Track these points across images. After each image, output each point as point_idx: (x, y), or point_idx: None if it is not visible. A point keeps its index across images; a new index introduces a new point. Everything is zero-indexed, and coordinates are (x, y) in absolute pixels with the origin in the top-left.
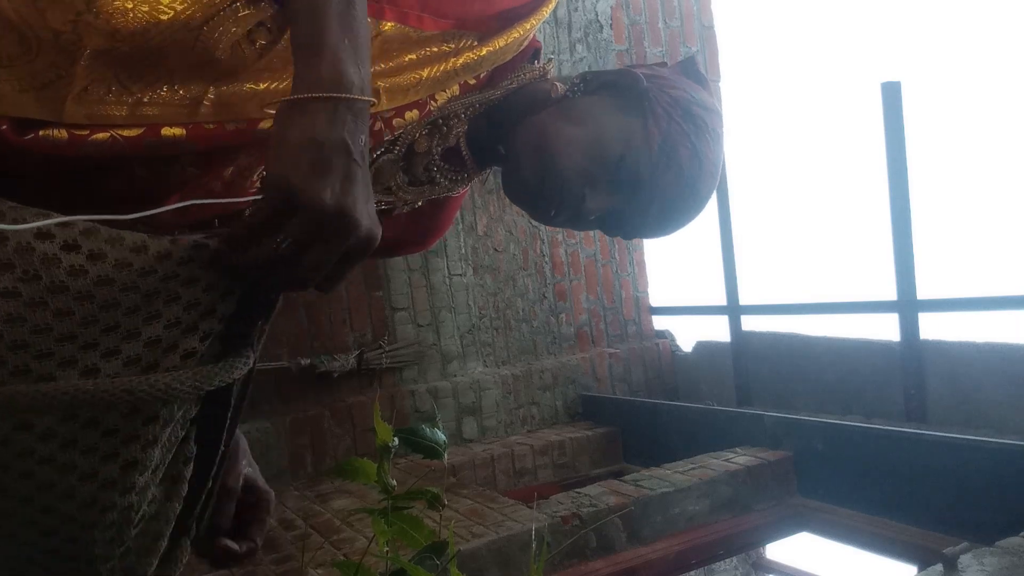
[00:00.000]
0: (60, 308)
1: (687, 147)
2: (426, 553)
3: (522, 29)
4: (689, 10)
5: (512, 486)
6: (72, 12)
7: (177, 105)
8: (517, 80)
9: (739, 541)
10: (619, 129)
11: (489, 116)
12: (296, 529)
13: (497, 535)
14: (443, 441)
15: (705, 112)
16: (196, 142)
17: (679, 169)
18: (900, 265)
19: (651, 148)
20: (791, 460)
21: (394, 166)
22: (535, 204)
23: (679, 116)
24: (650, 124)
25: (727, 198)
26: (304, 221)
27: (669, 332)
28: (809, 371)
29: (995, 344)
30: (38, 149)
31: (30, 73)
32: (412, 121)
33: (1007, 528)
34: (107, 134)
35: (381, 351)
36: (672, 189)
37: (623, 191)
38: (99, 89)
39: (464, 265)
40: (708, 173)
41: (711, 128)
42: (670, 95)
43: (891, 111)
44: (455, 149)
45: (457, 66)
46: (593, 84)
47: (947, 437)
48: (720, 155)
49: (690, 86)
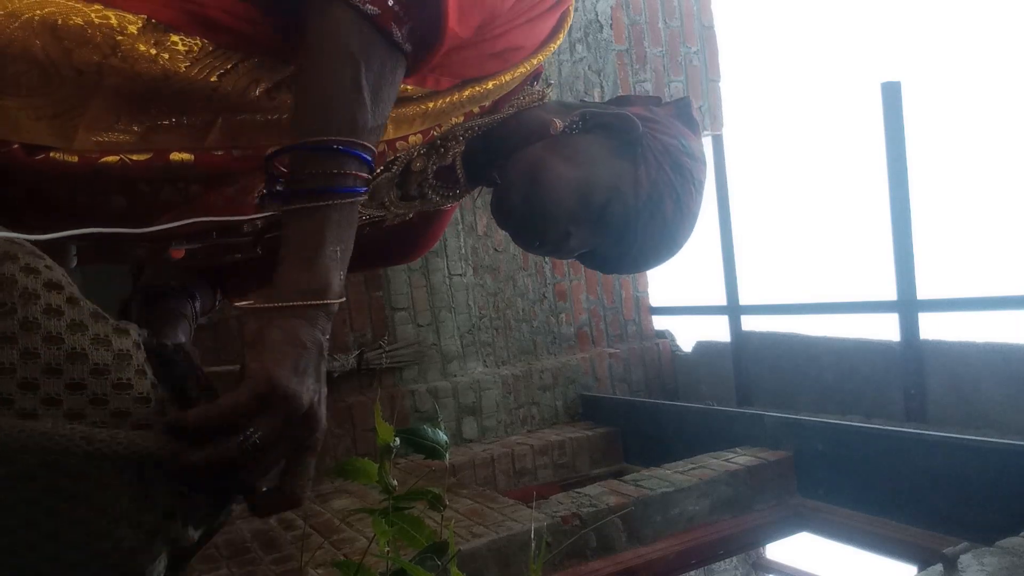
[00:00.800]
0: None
1: (673, 198)
2: (427, 553)
3: (529, 65)
4: (689, 10)
5: (512, 486)
6: (99, 55)
7: (186, 132)
8: (516, 104)
9: (739, 541)
10: (610, 173)
11: (486, 137)
12: (296, 529)
13: (497, 535)
14: (445, 442)
15: (692, 162)
16: (204, 168)
17: (663, 219)
18: (900, 265)
19: (638, 197)
20: (791, 460)
21: (389, 184)
22: (520, 233)
23: (668, 166)
24: (640, 172)
25: (727, 198)
26: (278, 416)
27: (669, 332)
28: (809, 371)
29: (995, 344)
30: (48, 170)
31: (47, 103)
32: (415, 144)
33: (1007, 528)
34: (117, 158)
35: (381, 351)
36: (654, 237)
37: (606, 233)
38: (109, 118)
39: (464, 265)
40: (688, 223)
41: (696, 179)
42: (662, 143)
43: (891, 111)
44: (450, 167)
45: (463, 98)
46: (591, 123)
47: (947, 437)
48: (700, 204)
49: (681, 132)
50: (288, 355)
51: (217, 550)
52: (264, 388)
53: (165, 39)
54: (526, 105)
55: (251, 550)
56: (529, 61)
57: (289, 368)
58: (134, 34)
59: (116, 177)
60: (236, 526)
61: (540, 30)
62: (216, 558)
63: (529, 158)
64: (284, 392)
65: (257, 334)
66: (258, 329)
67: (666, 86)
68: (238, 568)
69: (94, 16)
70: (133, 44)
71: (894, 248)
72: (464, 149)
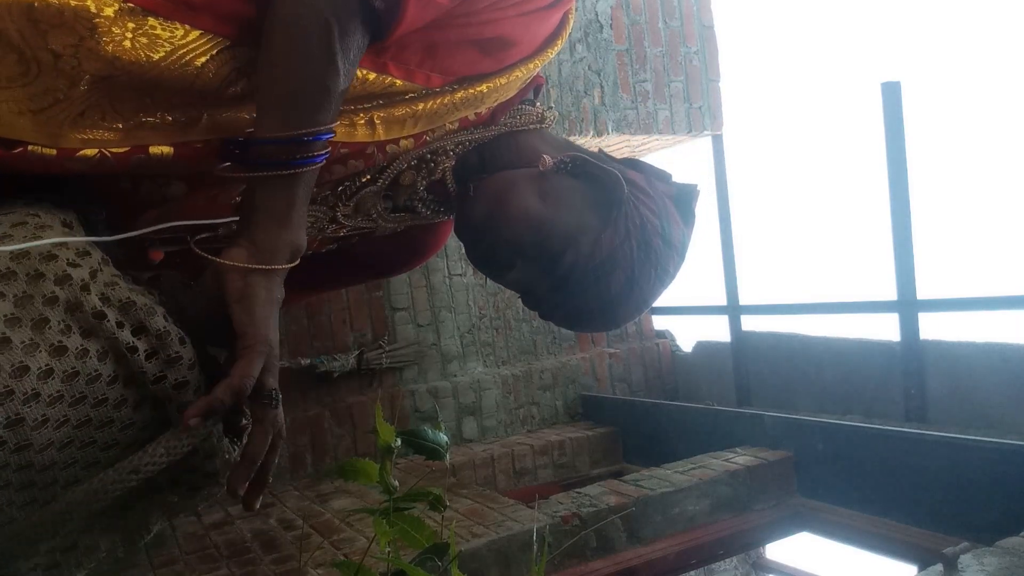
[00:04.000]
0: None
1: (625, 272)
2: (428, 554)
3: (525, 69)
4: (689, 10)
5: (512, 486)
6: (75, 36)
7: (171, 129)
8: (511, 123)
9: (739, 541)
10: (575, 223)
11: (480, 152)
12: (296, 529)
13: (497, 535)
14: (445, 442)
15: (665, 248)
16: (184, 161)
17: (606, 289)
18: (900, 265)
19: (592, 257)
20: (791, 460)
21: (376, 197)
22: (470, 249)
23: (636, 240)
24: (606, 234)
25: (727, 198)
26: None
27: (669, 332)
28: (809, 371)
29: (995, 344)
30: (25, 164)
31: (27, 96)
32: (407, 149)
33: (1007, 528)
34: (95, 151)
35: (381, 351)
36: (591, 302)
37: (549, 280)
38: (95, 114)
39: (464, 265)
40: (633, 303)
41: (661, 265)
42: (641, 216)
43: (891, 111)
44: (440, 182)
45: (456, 100)
46: (579, 169)
47: (947, 437)
48: (656, 292)
49: (668, 216)
50: (270, 313)
51: (217, 550)
52: (265, 348)
53: (143, 23)
54: (524, 124)
55: (251, 550)
56: (526, 65)
57: (273, 325)
58: (111, 17)
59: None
60: (236, 526)
61: (537, 29)
62: (216, 558)
63: (505, 180)
64: (274, 348)
65: (243, 291)
66: (243, 287)
67: (666, 86)
68: (238, 568)
69: None
70: (110, 27)
71: (894, 248)
72: (455, 164)
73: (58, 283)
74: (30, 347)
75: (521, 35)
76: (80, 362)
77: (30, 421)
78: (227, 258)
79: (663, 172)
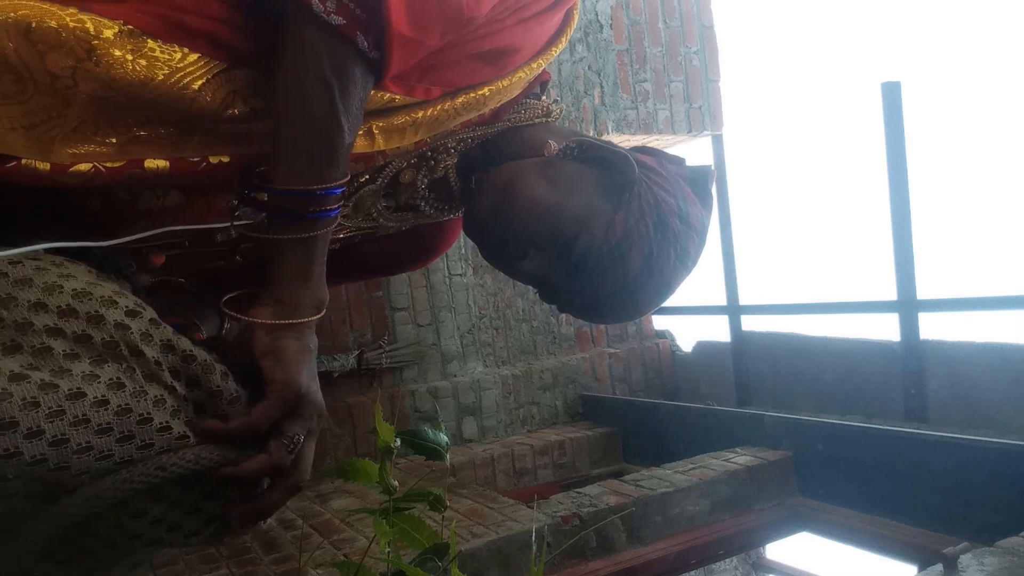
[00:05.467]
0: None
1: (643, 254)
2: (427, 554)
3: (528, 70)
4: (689, 10)
5: (512, 486)
6: (72, 59)
7: (164, 144)
8: (516, 117)
9: (739, 541)
10: (587, 207)
11: (483, 148)
12: (296, 529)
13: (497, 535)
14: (445, 443)
15: (681, 226)
16: (179, 175)
17: (624, 272)
18: (900, 265)
19: (607, 240)
20: (791, 460)
21: (375, 196)
22: (481, 243)
23: (652, 220)
24: (619, 216)
25: (727, 198)
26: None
27: (669, 332)
28: (809, 371)
29: (995, 344)
30: (20, 178)
31: (22, 112)
32: (406, 149)
33: (1007, 528)
34: (89, 165)
35: (381, 351)
36: (609, 287)
37: (564, 267)
38: (87, 129)
39: (464, 265)
40: (654, 284)
41: (681, 245)
42: (656, 196)
43: (891, 111)
44: (443, 179)
45: (456, 105)
46: (587, 154)
47: (947, 437)
48: (679, 275)
49: (685, 195)
50: (303, 362)
51: (217, 550)
52: (292, 396)
53: (142, 45)
54: (529, 119)
55: (251, 550)
56: (529, 66)
57: (306, 374)
58: (110, 39)
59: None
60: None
61: (540, 31)
62: (216, 558)
63: (511, 171)
64: (309, 397)
65: (271, 346)
66: (271, 341)
67: (666, 86)
68: (238, 568)
69: (69, 20)
70: (108, 49)
71: (894, 248)
72: (458, 161)
73: (118, 328)
74: (89, 378)
75: (522, 41)
76: (135, 400)
77: (74, 445)
78: (254, 316)
79: (675, 156)
